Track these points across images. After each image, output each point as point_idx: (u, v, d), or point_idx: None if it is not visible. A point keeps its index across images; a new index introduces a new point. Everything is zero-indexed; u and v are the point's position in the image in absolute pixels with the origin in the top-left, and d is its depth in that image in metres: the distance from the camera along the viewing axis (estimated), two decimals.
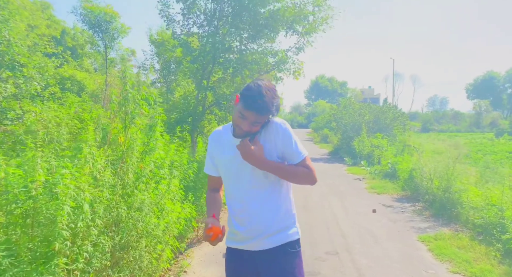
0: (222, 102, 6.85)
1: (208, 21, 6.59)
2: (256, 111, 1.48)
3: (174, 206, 3.52)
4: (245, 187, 1.61)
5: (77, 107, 5.69)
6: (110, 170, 2.36)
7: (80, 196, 1.90)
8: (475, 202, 5.36)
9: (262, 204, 1.60)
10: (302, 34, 6.14)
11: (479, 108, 44.16)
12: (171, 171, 3.91)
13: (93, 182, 2.17)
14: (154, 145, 2.70)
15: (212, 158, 1.72)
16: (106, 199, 2.23)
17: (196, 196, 4.98)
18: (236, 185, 1.63)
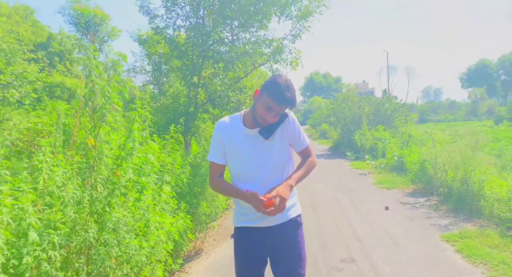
0: (215, 99, 6.32)
1: (194, 11, 6.04)
2: (286, 105, 1.64)
3: (164, 219, 2.99)
4: (263, 169, 1.73)
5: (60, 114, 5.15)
6: (76, 182, 1.83)
7: (25, 221, 1.38)
8: (499, 194, 4.87)
9: (279, 183, 1.72)
10: (297, 19, 5.61)
11: (474, 96, 43.99)
12: (161, 177, 3.39)
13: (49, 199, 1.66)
14: (132, 147, 2.17)
15: (222, 146, 1.77)
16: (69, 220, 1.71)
17: (192, 204, 4.45)
18: (252, 168, 1.73)
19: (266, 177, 1.73)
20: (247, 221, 1.78)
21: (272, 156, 1.74)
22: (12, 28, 11.01)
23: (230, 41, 6.24)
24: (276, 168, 1.76)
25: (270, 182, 1.72)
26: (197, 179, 4.59)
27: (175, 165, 3.78)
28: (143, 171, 2.39)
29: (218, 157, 1.78)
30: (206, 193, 4.63)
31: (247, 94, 6.40)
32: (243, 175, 1.75)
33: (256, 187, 1.70)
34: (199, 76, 6.44)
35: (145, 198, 2.30)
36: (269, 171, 1.74)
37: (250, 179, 1.74)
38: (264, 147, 1.74)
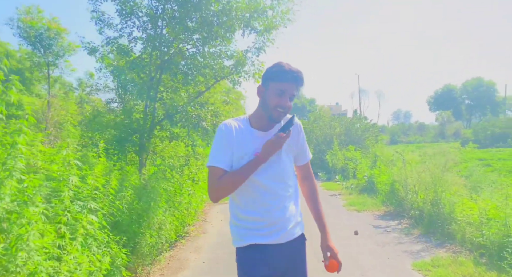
0: (174, 115, 5.82)
1: (152, 22, 5.63)
2: (296, 82, 1.53)
3: (83, 258, 2.41)
4: (276, 178, 1.59)
5: None
6: None
7: None
8: (471, 217, 4.59)
9: (290, 193, 1.64)
10: (261, 32, 5.32)
11: (442, 119, 45.78)
12: (86, 204, 2.82)
13: None
14: (13, 166, 1.64)
15: (231, 149, 1.53)
16: None
17: (135, 234, 3.84)
18: (265, 175, 1.56)
19: (276, 183, 1.58)
20: (254, 237, 1.55)
21: (283, 160, 1.60)
22: None
23: (190, 54, 5.84)
24: (286, 175, 1.62)
25: (279, 188, 1.58)
26: (141, 204, 4.00)
27: (109, 189, 3.21)
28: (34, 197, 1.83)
29: (225, 161, 1.51)
30: (153, 219, 4.04)
31: (209, 110, 5.95)
32: (254, 181, 1.55)
33: (267, 194, 1.55)
34: (157, 91, 5.95)
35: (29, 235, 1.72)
36: (279, 177, 1.59)
37: (260, 186, 1.56)
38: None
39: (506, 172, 10.20)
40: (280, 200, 1.58)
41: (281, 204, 1.59)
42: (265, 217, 1.55)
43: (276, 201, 1.57)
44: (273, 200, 1.56)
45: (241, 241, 1.58)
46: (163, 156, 6.68)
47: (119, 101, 14.34)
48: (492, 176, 6.89)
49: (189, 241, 5.55)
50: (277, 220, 1.57)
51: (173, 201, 5.23)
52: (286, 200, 1.61)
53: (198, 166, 7.16)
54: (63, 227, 2.33)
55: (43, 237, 1.92)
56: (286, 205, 1.61)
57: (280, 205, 1.58)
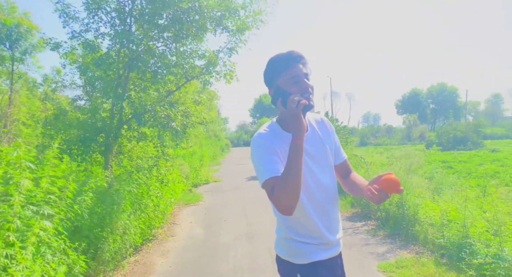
0: (142, 114, 5.63)
1: (121, 18, 5.41)
2: (298, 60, 1.39)
3: (35, 267, 2.24)
4: (324, 188, 1.49)
5: None
6: None
7: None
8: (433, 218, 4.77)
9: (336, 204, 1.57)
10: (233, 32, 5.26)
11: (408, 122, 47.63)
12: (39, 209, 2.63)
13: None
14: None
15: (278, 155, 1.36)
16: None
17: (96, 238, 3.66)
18: (314, 180, 1.46)
19: (327, 180, 1.52)
20: (325, 251, 1.46)
21: (327, 153, 1.53)
22: None
23: (160, 52, 5.67)
24: (330, 169, 1.55)
25: (332, 185, 1.53)
26: (104, 208, 3.82)
27: (67, 192, 3.03)
28: None
29: (279, 169, 1.32)
30: (116, 223, 3.87)
31: (179, 110, 5.80)
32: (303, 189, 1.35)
33: (320, 194, 1.47)
34: (125, 89, 5.73)
35: None
36: (328, 174, 1.52)
37: (311, 191, 1.45)
38: (314, 148, 1.49)
39: (465, 174, 10.72)
40: (335, 214, 1.54)
41: (336, 219, 1.55)
42: (327, 233, 1.47)
43: (332, 216, 1.51)
44: (328, 217, 1.50)
45: (298, 257, 1.45)
46: (131, 157, 6.45)
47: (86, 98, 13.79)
48: (452, 178, 7.21)
49: (156, 245, 5.38)
50: (335, 233, 1.52)
51: (139, 203, 5.06)
52: (338, 211, 1.58)
53: (167, 167, 6.98)
54: (12, 234, 2.16)
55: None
56: (338, 218, 1.58)
57: (335, 220, 1.54)
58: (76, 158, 5.24)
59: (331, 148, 1.58)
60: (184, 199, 8.84)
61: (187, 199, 8.90)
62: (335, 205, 1.55)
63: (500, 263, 3.30)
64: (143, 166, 6.12)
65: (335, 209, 1.54)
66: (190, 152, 11.68)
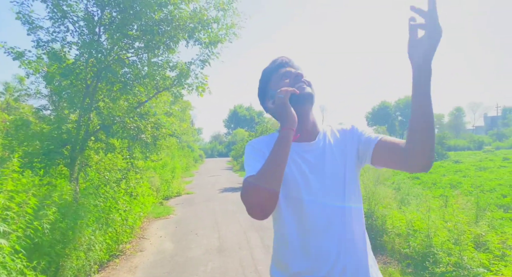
0: (111, 126, 5.48)
1: (89, 28, 5.30)
2: (285, 64, 1.33)
3: None
4: (333, 202, 1.19)
5: None
6: None
7: None
8: (399, 228, 4.93)
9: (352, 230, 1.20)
10: (206, 44, 5.28)
11: None
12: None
13: None
14: None
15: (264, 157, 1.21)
16: None
17: (58, 255, 3.48)
18: (317, 204, 1.18)
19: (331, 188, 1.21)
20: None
21: (339, 168, 1.23)
22: None
23: (131, 62, 5.58)
24: (346, 187, 1.21)
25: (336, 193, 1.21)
26: (68, 223, 3.65)
27: (26, 208, 2.87)
28: None
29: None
30: (80, 239, 3.70)
31: (149, 121, 5.70)
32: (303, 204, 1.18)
33: (323, 213, 1.18)
34: (92, 99, 5.57)
35: None
36: (338, 195, 1.21)
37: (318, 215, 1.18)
38: (321, 161, 1.23)
39: (431, 184, 11.18)
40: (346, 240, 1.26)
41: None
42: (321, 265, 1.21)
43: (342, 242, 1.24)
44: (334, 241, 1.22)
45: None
46: (98, 169, 6.23)
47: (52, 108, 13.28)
48: (418, 188, 7.50)
49: (124, 260, 5.18)
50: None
51: (105, 218, 4.87)
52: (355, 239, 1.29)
53: (137, 179, 6.79)
54: None
55: None
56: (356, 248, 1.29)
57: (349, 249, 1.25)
58: (38, 171, 4.99)
59: (353, 153, 1.27)
60: (154, 212, 8.61)
61: (157, 212, 8.67)
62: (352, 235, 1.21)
63: (460, 271, 3.44)
64: (111, 179, 5.93)
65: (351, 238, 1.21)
66: (161, 164, 11.44)
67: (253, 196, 1.06)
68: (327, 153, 1.25)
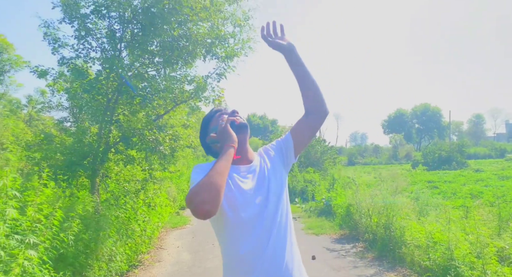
0: (130, 138, 5.64)
1: (111, 44, 5.52)
2: (223, 111, 1.53)
3: None
4: (265, 213, 1.36)
5: None
6: None
7: None
8: (419, 240, 4.84)
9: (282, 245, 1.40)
10: (222, 58, 5.42)
11: (394, 142, 48.56)
12: (24, 238, 2.60)
13: None
14: None
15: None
16: None
17: (81, 266, 3.59)
18: (250, 214, 1.34)
19: (269, 216, 1.37)
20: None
21: (269, 186, 1.42)
22: None
23: (150, 76, 5.76)
24: (276, 201, 1.41)
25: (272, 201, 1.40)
26: (90, 234, 3.77)
27: (53, 220, 3.00)
28: None
29: None
30: (102, 250, 3.81)
31: (167, 134, 5.84)
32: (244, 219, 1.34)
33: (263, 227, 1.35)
34: (113, 113, 5.76)
35: None
36: (270, 208, 1.39)
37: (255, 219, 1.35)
38: (257, 180, 1.42)
39: (450, 194, 10.91)
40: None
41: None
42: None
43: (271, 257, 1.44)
44: (265, 257, 1.41)
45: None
46: (118, 180, 6.39)
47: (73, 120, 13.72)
48: (437, 198, 7.34)
49: (142, 271, 5.26)
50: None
51: (125, 228, 4.98)
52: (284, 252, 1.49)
53: (155, 190, 6.92)
54: None
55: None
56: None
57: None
58: (62, 184, 5.17)
59: (279, 169, 1.50)
60: (171, 222, 8.71)
61: (174, 222, 8.77)
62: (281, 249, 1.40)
63: None
64: (130, 190, 6.07)
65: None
66: (177, 174, 11.61)
67: (193, 199, 1.17)
68: (261, 173, 1.44)
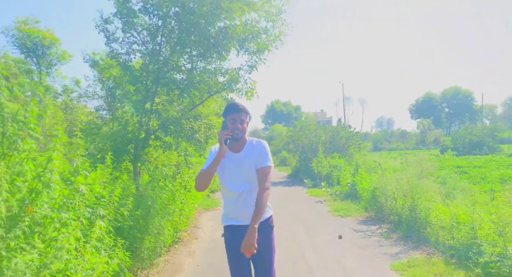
0: (168, 126, 6.10)
1: (152, 37, 5.93)
2: (239, 111, 2.34)
3: (95, 259, 2.68)
4: (240, 183, 2.39)
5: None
6: None
7: None
8: (443, 221, 5.04)
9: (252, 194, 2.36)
10: (254, 52, 5.69)
11: (422, 127, 47.21)
12: (96, 211, 3.09)
13: None
14: (50, 178, 1.93)
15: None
16: None
17: (134, 239, 4.10)
18: (232, 180, 2.41)
19: (243, 184, 2.39)
20: (231, 220, 2.44)
21: (246, 169, 2.40)
22: None
23: (187, 69, 6.15)
24: (248, 177, 2.40)
25: (245, 182, 2.40)
26: (140, 211, 4.27)
27: (113, 197, 3.48)
28: (65, 205, 2.12)
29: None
30: (151, 225, 4.31)
31: (202, 122, 6.26)
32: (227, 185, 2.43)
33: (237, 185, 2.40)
34: (152, 102, 6.23)
35: (64, 236, 2.02)
36: (244, 180, 2.40)
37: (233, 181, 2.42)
38: (239, 163, 2.40)
39: (480, 179, 10.83)
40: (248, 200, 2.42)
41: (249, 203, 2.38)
42: (237, 212, 2.44)
43: (245, 201, 2.44)
44: (241, 201, 2.44)
45: (223, 222, 2.50)
46: (156, 165, 6.92)
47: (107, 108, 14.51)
48: (465, 183, 7.41)
49: (182, 246, 5.80)
50: (246, 211, 2.34)
51: (167, 208, 5.49)
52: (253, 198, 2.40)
53: (190, 174, 7.42)
54: (79, 231, 2.59)
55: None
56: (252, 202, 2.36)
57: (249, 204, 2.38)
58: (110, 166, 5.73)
59: (254, 160, 2.38)
60: (204, 204, 9.28)
61: (206, 204, 9.33)
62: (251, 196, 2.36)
63: (504, 261, 3.57)
64: (168, 173, 6.57)
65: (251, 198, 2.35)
66: None
67: (196, 181, 2.35)
68: (244, 159, 2.38)
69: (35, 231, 1.89)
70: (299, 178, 15.09)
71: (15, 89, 2.10)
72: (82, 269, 2.26)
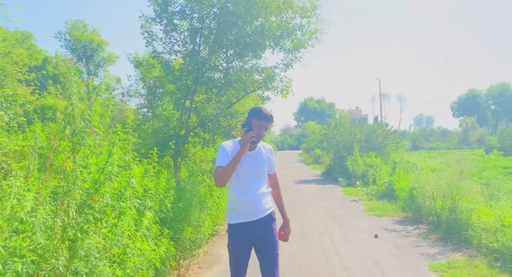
0: (207, 124, 6.35)
1: (191, 38, 6.19)
2: (269, 120, 2.50)
3: (145, 246, 2.92)
4: (254, 179, 2.53)
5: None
6: (49, 207, 1.79)
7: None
8: (487, 223, 4.85)
9: (262, 184, 2.58)
10: (289, 50, 5.77)
11: (465, 125, 44.66)
12: (144, 202, 3.34)
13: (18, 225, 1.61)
14: (111, 171, 2.15)
15: (228, 155, 2.45)
16: (39, 247, 1.66)
17: (176, 230, 4.36)
18: (248, 177, 2.51)
19: (256, 180, 2.54)
20: (243, 218, 2.49)
21: (260, 166, 2.58)
22: (7, 50, 11.14)
23: (224, 68, 6.36)
24: (261, 174, 2.59)
25: (259, 179, 2.57)
26: (182, 203, 4.51)
27: (159, 190, 3.73)
28: (123, 195, 2.36)
29: (226, 162, 2.43)
30: (192, 218, 4.55)
31: (238, 120, 6.45)
32: (241, 182, 2.51)
33: (252, 184, 2.52)
34: (192, 101, 6.50)
35: (122, 223, 2.25)
36: (257, 177, 2.56)
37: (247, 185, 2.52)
38: (254, 161, 2.55)
39: None
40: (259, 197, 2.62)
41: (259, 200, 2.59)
42: (245, 208, 2.53)
43: (257, 198, 2.58)
44: (252, 196, 2.55)
45: (229, 220, 2.55)
46: (194, 160, 7.22)
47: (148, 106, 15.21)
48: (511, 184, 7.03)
49: (220, 239, 6.03)
50: (255, 208, 2.53)
51: (205, 202, 5.74)
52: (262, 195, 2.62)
53: None
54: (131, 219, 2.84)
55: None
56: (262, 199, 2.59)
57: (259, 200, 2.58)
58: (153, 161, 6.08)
59: (268, 163, 2.62)
60: None
61: None
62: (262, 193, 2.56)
63: None
64: (205, 169, 6.84)
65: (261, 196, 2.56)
66: None
67: (220, 177, 2.36)
68: (258, 157, 2.56)
69: (98, 218, 2.12)
70: (332, 177, 14.93)
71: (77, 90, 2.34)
72: (137, 254, 2.49)
